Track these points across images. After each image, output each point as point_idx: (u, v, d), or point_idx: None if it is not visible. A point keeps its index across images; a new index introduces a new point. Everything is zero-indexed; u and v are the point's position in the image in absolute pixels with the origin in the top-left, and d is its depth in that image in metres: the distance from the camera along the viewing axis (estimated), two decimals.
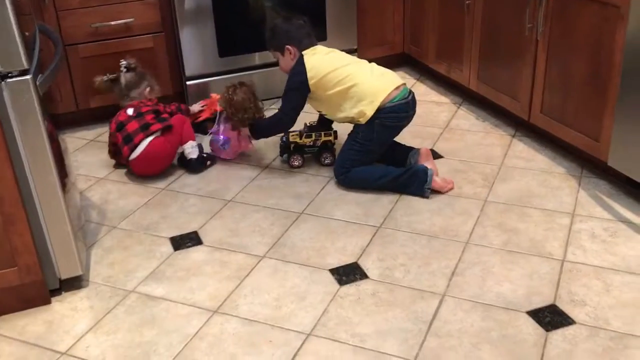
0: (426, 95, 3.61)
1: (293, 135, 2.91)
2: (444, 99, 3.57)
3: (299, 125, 2.89)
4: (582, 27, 2.56)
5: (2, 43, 1.81)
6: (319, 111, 2.88)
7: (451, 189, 2.67)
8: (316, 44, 2.78)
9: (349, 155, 2.70)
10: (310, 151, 2.94)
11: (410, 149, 2.79)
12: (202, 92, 3.39)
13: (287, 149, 2.91)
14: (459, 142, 3.06)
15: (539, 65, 2.82)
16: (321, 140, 2.92)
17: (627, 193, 2.57)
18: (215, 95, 3.09)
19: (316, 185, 2.75)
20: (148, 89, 2.96)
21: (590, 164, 2.77)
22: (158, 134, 2.77)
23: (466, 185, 2.70)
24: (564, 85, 2.71)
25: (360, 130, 2.68)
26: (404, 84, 2.69)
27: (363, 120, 2.64)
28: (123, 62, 2.93)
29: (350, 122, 2.73)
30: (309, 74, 2.67)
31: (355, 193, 2.67)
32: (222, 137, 2.92)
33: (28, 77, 1.87)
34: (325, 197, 2.67)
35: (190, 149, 2.88)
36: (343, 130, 2.85)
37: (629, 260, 2.20)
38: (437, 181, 2.63)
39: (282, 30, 2.77)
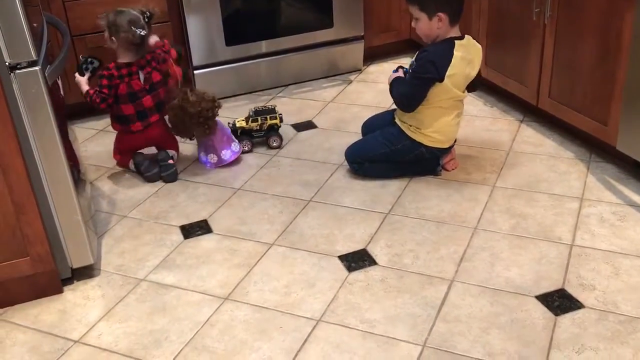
0: None
1: (239, 120, 2.96)
2: None
3: (245, 112, 2.98)
4: (590, 11, 2.54)
5: (10, 35, 1.82)
6: None
7: (456, 166, 2.70)
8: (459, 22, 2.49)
9: (372, 152, 2.65)
10: (257, 136, 2.99)
11: None
12: (210, 82, 3.39)
13: (235, 134, 2.93)
14: (467, 128, 3.06)
15: (546, 50, 2.80)
16: (267, 124, 2.96)
17: (636, 177, 2.57)
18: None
19: (324, 172, 2.76)
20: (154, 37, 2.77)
21: (598, 149, 2.76)
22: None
23: (475, 171, 2.70)
24: (572, 70, 2.70)
25: (402, 141, 2.60)
26: None
27: (418, 139, 2.58)
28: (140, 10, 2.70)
29: (405, 129, 2.60)
30: (449, 71, 2.43)
31: (363, 180, 2.68)
32: (206, 161, 2.87)
33: (37, 68, 1.88)
34: (333, 184, 2.68)
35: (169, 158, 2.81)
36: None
37: (638, 244, 2.19)
38: (445, 155, 2.68)
39: None
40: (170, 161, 2.79)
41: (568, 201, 2.46)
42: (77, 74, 2.71)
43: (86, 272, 2.21)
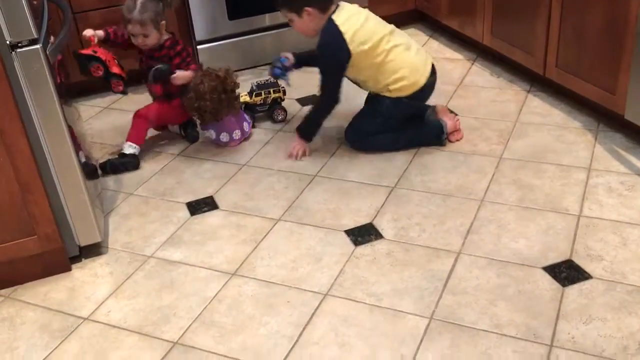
0: (439, 52, 3.56)
1: (243, 95, 2.92)
2: (457, 55, 3.52)
3: (248, 86, 2.96)
4: None
5: (10, 13, 1.80)
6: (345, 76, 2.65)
7: (461, 137, 2.69)
8: (339, 1, 2.57)
9: (368, 126, 2.65)
10: (261, 110, 2.96)
11: (427, 107, 2.77)
12: (213, 57, 3.36)
13: None
14: (473, 99, 3.03)
15: (553, 18, 2.76)
16: (271, 98, 2.94)
17: None
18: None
19: (329, 146, 2.75)
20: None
21: (606, 118, 2.73)
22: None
23: (481, 143, 2.68)
24: (580, 39, 2.66)
25: (385, 103, 2.60)
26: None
27: (394, 95, 2.58)
28: None
29: (378, 93, 2.63)
30: (347, 38, 2.46)
31: (369, 154, 2.66)
32: (212, 131, 2.81)
33: (38, 46, 1.86)
34: (339, 158, 2.66)
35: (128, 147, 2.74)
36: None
37: None
38: (449, 126, 2.67)
39: None
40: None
41: (576, 171, 2.44)
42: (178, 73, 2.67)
43: (94, 250, 2.22)
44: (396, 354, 1.74)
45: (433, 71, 2.64)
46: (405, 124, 2.68)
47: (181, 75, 2.66)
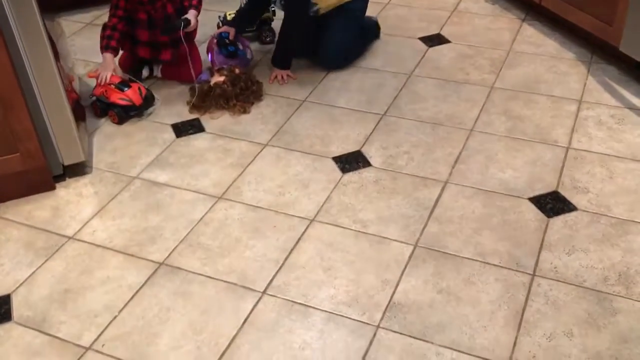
0: None
1: (230, 13, 2.85)
2: None
3: (235, 5, 2.88)
4: None
5: None
6: None
7: None
8: None
9: (348, 38, 2.65)
10: (249, 30, 2.88)
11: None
12: None
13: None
14: (467, 26, 2.96)
15: None
16: (259, 18, 2.86)
17: (636, 79, 2.52)
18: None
19: (318, 72, 2.69)
20: None
21: (600, 50, 2.69)
22: None
23: (473, 72, 2.64)
24: None
25: (359, 7, 2.69)
26: None
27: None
28: None
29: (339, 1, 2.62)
30: None
31: (359, 81, 2.62)
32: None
33: None
34: (328, 84, 2.62)
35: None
36: None
37: (634, 148, 2.18)
38: None
39: None
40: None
41: (567, 103, 2.42)
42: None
43: (78, 170, 2.19)
44: (380, 279, 1.76)
45: None
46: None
47: (194, 22, 2.49)
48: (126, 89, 2.41)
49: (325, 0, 2.61)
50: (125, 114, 2.42)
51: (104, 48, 2.47)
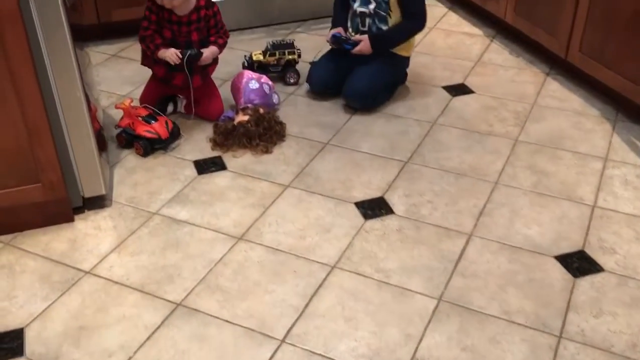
0: (458, 26, 3.48)
1: (256, 54, 2.86)
2: (476, 30, 3.44)
3: (261, 45, 2.88)
4: None
5: None
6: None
7: None
8: None
9: (382, 79, 2.68)
10: (274, 70, 2.89)
11: None
12: (225, 12, 3.26)
13: (251, 69, 2.83)
14: (491, 78, 2.97)
15: (582, 1, 2.68)
16: (285, 59, 2.87)
17: None
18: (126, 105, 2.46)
19: (342, 115, 2.69)
20: None
21: (625, 108, 2.68)
22: None
23: (497, 123, 2.63)
24: (607, 24, 2.59)
25: (402, 62, 2.79)
26: None
27: (404, 54, 2.77)
28: None
29: (395, 52, 2.73)
30: None
31: (382, 126, 2.61)
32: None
33: None
34: (352, 128, 2.61)
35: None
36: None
37: None
38: None
39: None
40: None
41: (592, 160, 2.40)
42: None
43: (98, 203, 2.17)
44: (403, 333, 1.71)
45: None
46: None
47: (209, 54, 2.49)
48: (153, 121, 2.40)
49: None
50: (150, 147, 2.41)
51: (155, 48, 2.44)
